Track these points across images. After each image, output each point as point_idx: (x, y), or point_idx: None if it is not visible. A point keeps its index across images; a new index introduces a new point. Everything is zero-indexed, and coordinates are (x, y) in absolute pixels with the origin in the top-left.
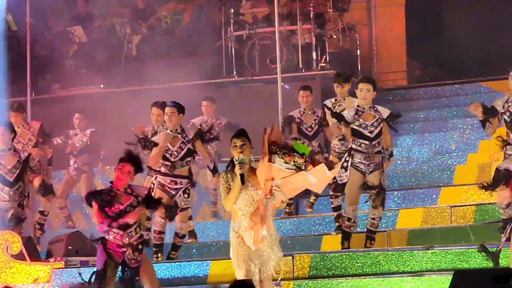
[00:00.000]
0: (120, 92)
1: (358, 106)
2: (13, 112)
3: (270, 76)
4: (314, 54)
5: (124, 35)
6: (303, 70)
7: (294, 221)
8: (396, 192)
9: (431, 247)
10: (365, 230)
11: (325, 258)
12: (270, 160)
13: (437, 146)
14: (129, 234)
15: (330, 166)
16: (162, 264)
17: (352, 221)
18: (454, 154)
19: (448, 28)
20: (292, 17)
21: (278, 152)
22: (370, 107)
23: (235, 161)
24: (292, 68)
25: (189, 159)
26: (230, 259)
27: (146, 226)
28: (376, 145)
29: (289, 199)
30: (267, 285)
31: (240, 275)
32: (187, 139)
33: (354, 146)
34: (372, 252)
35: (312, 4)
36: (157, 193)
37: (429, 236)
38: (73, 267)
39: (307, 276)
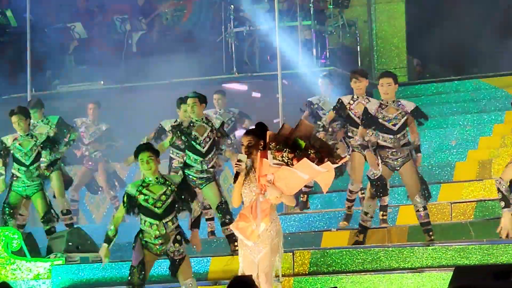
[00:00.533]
0: (121, 88)
1: (382, 100)
2: (31, 109)
3: (270, 72)
4: (314, 50)
5: (124, 32)
6: (303, 67)
7: (294, 217)
8: (396, 189)
9: (432, 243)
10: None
11: (326, 254)
12: (265, 156)
13: (437, 142)
14: (165, 224)
15: (335, 156)
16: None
17: (369, 215)
18: (454, 150)
19: (449, 24)
20: (292, 14)
21: (272, 147)
22: (393, 101)
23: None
24: (292, 64)
25: (215, 149)
26: (230, 255)
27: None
28: (402, 138)
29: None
30: (266, 282)
31: (240, 271)
32: (214, 127)
33: (379, 142)
34: (372, 249)
35: (312, 1)
36: None
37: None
38: (73, 263)
39: (307, 273)
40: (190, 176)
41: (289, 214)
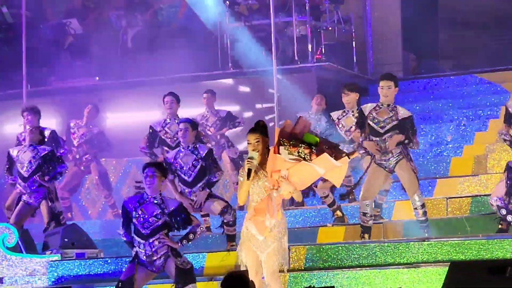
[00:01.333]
0: (116, 84)
1: (379, 102)
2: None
3: (265, 68)
4: (309, 46)
5: (119, 28)
6: (299, 62)
7: (290, 213)
8: (392, 184)
9: (427, 238)
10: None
11: (321, 250)
12: (278, 152)
13: (433, 137)
14: (151, 244)
15: (349, 157)
16: None
17: (368, 215)
18: (450, 145)
19: (444, 20)
20: (288, 9)
21: (286, 143)
22: (388, 105)
23: (247, 156)
24: (287, 60)
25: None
26: (225, 251)
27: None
28: (388, 139)
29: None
30: (273, 278)
31: (242, 265)
32: (199, 156)
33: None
34: (368, 244)
35: None
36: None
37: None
38: (69, 260)
39: (303, 268)
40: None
41: (285, 209)
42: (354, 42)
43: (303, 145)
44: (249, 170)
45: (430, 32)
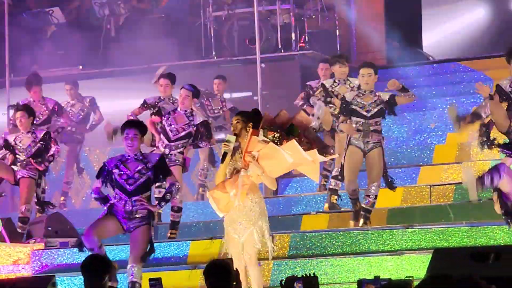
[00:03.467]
0: (99, 73)
1: (359, 88)
2: (35, 86)
3: (249, 56)
4: (293, 34)
5: (103, 16)
6: (282, 51)
7: (273, 201)
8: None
9: (411, 226)
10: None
11: (305, 237)
12: (256, 134)
13: (417, 125)
14: (134, 202)
15: (326, 150)
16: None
17: (357, 190)
18: (433, 133)
19: (428, 7)
20: None
21: (266, 128)
22: (371, 91)
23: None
24: (271, 48)
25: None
26: (209, 239)
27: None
28: (373, 124)
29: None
30: (251, 263)
31: (224, 249)
32: (192, 123)
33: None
34: (351, 231)
35: None
36: None
37: (408, 215)
38: (52, 248)
39: (286, 256)
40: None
41: (268, 198)
42: (338, 30)
43: (281, 132)
44: (225, 153)
45: (413, 19)
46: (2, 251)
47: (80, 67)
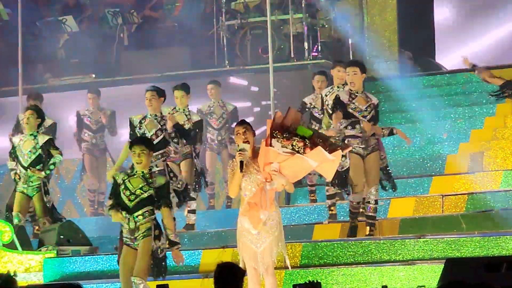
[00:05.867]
0: (112, 82)
1: (350, 90)
2: (34, 100)
3: (262, 65)
4: (305, 43)
5: (116, 25)
6: (295, 60)
7: (286, 210)
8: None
9: (423, 235)
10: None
11: (317, 247)
12: (270, 145)
13: (429, 135)
14: (135, 218)
15: (340, 145)
16: None
17: (361, 203)
18: (446, 143)
19: (440, 18)
20: (284, 7)
21: (278, 136)
22: (361, 92)
23: (237, 148)
24: (283, 57)
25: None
26: (221, 248)
27: None
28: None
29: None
30: (269, 273)
31: (241, 261)
32: (164, 127)
33: (347, 132)
34: (363, 241)
35: None
36: None
37: (421, 225)
38: (65, 257)
39: (298, 265)
40: None
41: (280, 207)
42: (350, 40)
43: (296, 138)
44: (241, 162)
45: (426, 29)
46: (14, 259)
47: (93, 75)
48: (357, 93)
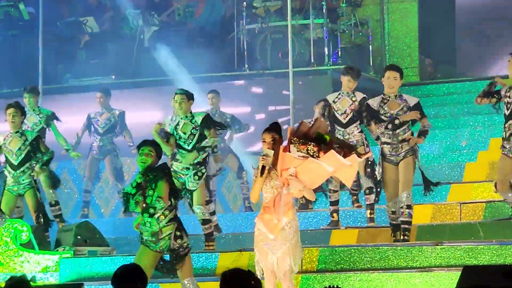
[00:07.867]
0: (132, 83)
1: (383, 94)
2: (27, 93)
3: (281, 70)
4: (326, 49)
5: (136, 26)
6: (315, 65)
7: (303, 215)
8: None
9: (440, 243)
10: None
11: (334, 252)
12: (288, 150)
13: (448, 143)
14: (157, 219)
15: (357, 151)
16: None
17: (397, 213)
18: (465, 151)
19: (461, 24)
20: (305, 12)
21: (296, 141)
22: (396, 96)
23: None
24: (303, 62)
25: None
26: (238, 251)
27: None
28: (401, 133)
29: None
30: (286, 279)
31: (258, 268)
32: (196, 124)
33: (381, 139)
34: (381, 247)
35: None
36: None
37: (438, 232)
38: (81, 257)
39: (315, 270)
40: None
41: (298, 211)
42: (370, 46)
43: (312, 143)
44: (263, 167)
45: (447, 36)
46: (31, 259)
47: (113, 76)
48: (389, 97)
